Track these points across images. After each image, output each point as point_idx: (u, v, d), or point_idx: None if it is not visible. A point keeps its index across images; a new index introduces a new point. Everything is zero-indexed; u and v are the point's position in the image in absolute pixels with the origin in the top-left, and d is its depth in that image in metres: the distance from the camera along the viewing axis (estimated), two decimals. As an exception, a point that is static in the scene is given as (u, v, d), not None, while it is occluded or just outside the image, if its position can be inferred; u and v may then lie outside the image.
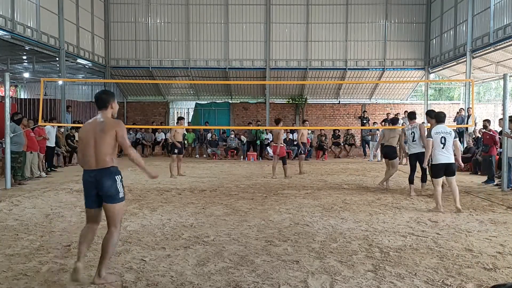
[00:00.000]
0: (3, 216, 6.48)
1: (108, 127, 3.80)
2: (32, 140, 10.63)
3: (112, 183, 3.78)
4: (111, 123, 3.85)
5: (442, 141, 6.87)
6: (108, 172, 3.78)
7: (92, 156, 3.78)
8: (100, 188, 3.77)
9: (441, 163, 6.91)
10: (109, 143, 3.78)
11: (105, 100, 3.95)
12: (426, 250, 4.77)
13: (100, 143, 3.76)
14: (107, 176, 3.76)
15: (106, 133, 3.77)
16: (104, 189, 3.76)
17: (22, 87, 23.80)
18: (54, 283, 3.76)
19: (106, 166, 3.78)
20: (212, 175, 12.00)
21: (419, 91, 23.77)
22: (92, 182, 3.79)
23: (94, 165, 3.78)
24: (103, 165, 3.77)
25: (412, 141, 8.41)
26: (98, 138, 3.77)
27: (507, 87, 9.66)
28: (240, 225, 5.93)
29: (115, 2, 20.73)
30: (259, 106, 22.17)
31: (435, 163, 6.97)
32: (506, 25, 13.90)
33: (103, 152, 3.76)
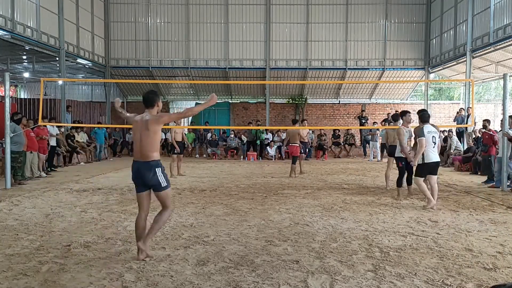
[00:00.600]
0: (3, 216, 6.48)
1: (151, 124, 4.27)
2: (32, 140, 10.63)
3: (153, 175, 4.29)
4: (153, 119, 4.30)
5: (433, 140, 7.11)
6: (148, 165, 4.28)
7: (138, 149, 4.33)
8: (144, 179, 4.31)
9: (433, 161, 7.11)
10: (152, 138, 4.27)
11: (152, 100, 4.44)
12: (426, 250, 4.77)
13: (144, 139, 4.27)
14: (148, 169, 4.27)
15: (149, 130, 4.25)
16: (147, 180, 4.31)
17: (22, 87, 23.80)
18: (54, 283, 3.76)
19: (148, 159, 4.29)
20: (212, 175, 12.00)
21: (419, 91, 23.76)
22: (137, 172, 4.35)
23: (140, 157, 4.32)
24: (146, 158, 4.29)
25: None
26: (143, 135, 4.28)
27: (507, 87, 9.67)
28: (240, 225, 5.93)
29: (115, 2, 20.73)
30: (259, 106, 22.17)
31: (428, 161, 7.07)
32: (506, 25, 13.90)
33: (147, 148, 4.27)
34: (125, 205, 7.32)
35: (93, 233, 5.43)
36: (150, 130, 4.26)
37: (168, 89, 22.77)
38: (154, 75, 21.34)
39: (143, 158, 4.30)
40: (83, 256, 4.48)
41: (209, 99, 4.63)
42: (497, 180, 9.71)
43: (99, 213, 6.65)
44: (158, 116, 4.37)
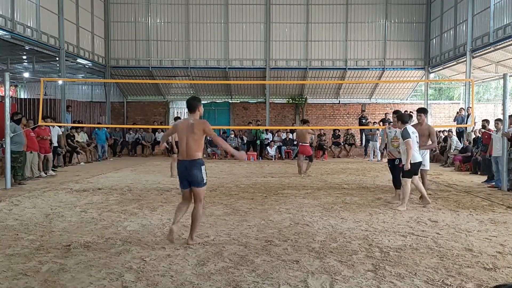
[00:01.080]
0: (3, 216, 6.48)
1: (196, 128, 4.83)
2: (32, 140, 10.63)
3: (198, 172, 4.84)
4: (198, 124, 4.87)
5: (417, 140, 7.29)
6: (195, 163, 4.83)
7: (184, 150, 4.85)
8: (189, 175, 4.85)
9: (419, 161, 7.23)
10: (196, 140, 4.83)
11: (194, 105, 4.99)
12: (426, 250, 4.77)
13: (190, 141, 4.82)
14: (194, 166, 4.82)
15: (195, 133, 4.82)
16: (192, 176, 4.84)
17: (22, 87, 23.80)
18: (54, 283, 3.76)
19: (194, 158, 4.84)
20: (212, 175, 11.99)
21: (419, 91, 23.77)
22: (184, 170, 4.85)
23: (186, 157, 4.85)
24: (192, 157, 4.83)
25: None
26: (188, 137, 4.83)
27: (507, 87, 9.68)
28: (240, 225, 5.94)
29: (115, 2, 20.73)
30: (259, 106, 22.17)
31: (415, 161, 7.13)
32: (506, 24, 13.90)
33: (192, 148, 4.82)
34: (125, 205, 7.32)
35: (93, 233, 5.43)
36: (195, 133, 4.81)
37: (168, 89, 22.77)
38: (154, 75, 21.34)
39: (190, 157, 4.84)
40: (83, 256, 4.48)
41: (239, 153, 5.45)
42: (496, 180, 9.72)
43: (99, 213, 6.65)
44: (203, 123, 4.92)
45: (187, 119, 5.01)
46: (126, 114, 22.51)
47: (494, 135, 9.93)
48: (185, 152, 4.87)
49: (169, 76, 21.60)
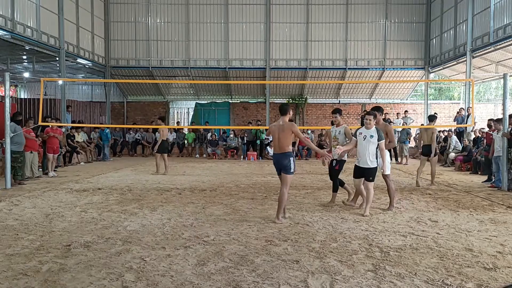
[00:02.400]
0: (3, 216, 6.48)
1: (286, 128, 6.05)
2: (31, 140, 10.63)
3: (287, 162, 6.01)
4: (287, 125, 6.06)
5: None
6: (285, 155, 6.04)
7: (277, 145, 6.13)
8: (280, 164, 6.09)
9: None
10: (286, 138, 6.03)
11: (286, 110, 6.17)
12: (426, 249, 4.77)
13: (281, 138, 6.05)
14: (284, 157, 6.02)
15: (285, 132, 6.02)
16: (282, 165, 6.06)
17: (22, 87, 23.80)
18: (54, 283, 3.76)
19: (284, 151, 6.05)
20: (212, 175, 11.99)
21: (419, 90, 23.77)
22: (276, 161, 6.15)
23: (278, 150, 6.10)
24: (282, 150, 6.06)
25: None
26: (280, 135, 6.05)
27: (507, 86, 9.68)
28: (240, 224, 5.93)
29: (115, 2, 20.73)
30: (259, 106, 22.18)
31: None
32: (506, 24, 13.90)
33: (284, 143, 6.04)
34: (125, 205, 7.32)
35: (93, 233, 5.43)
36: (285, 132, 6.01)
37: (168, 89, 22.78)
38: (154, 75, 21.34)
39: (281, 151, 6.05)
40: (83, 256, 4.48)
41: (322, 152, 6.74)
42: (496, 180, 9.72)
43: (99, 213, 6.65)
44: (291, 125, 6.10)
45: (279, 121, 6.23)
46: (126, 114, 22.52)
47: (494, 135, 9.93)
48: (277, 147, 6.13)
49: (169, 76, 21.60)
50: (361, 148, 6.68)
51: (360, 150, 6.70)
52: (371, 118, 6.63)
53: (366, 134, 6.60)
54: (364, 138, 6.62)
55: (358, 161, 6.75)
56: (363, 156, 6.64)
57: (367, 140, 6.60)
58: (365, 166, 6.65)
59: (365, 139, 6.61)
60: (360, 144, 6.67)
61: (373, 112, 6.78)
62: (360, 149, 6.69)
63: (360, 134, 6.69)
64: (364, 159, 6.64)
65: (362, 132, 6.68)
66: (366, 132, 6.62)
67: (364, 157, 6.64)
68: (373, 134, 6.56)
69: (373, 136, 6.55)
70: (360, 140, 6.66)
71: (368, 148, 6.58)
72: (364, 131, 6.64)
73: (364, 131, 6.65)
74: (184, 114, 23.20)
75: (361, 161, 6.70)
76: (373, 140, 6.55)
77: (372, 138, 6.55)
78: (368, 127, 6.62)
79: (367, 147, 6.60)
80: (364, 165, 6.66)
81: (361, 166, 6.72)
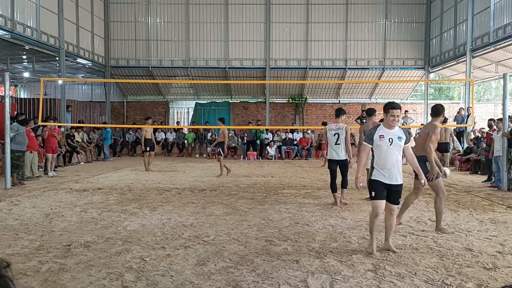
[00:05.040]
0: (3, 215, 6.48)
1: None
2: (32, 140, 10.64)
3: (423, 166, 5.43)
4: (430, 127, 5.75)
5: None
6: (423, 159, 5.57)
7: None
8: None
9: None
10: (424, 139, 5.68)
11: (439, 111, 5.80)
12: (426, 249, 4.77)
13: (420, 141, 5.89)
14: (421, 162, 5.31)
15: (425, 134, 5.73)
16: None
17: (22, 86, 23.79)
18: (54, 282, 3.76)
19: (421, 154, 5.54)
20: (212, 175, 11.99)
21: (419, 90, 23.76)
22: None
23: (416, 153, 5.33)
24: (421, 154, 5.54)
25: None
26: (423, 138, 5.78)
27: (507, 86, 9.68)
28: (240, 224, 5.93)
29: (115, 2, 20.72)
30: (259, 106, 22.17)
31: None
32: (506, 24, 13.90)
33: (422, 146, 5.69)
34: (125, 205, 7.32)
35: (93, 233, 5.42)
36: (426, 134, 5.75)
37: (168, 89, 22.77)
38: (154, 75, 21.34)
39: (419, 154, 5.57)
40: (83, 256, 4.48)
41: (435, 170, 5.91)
42: (496, 180, 9.73)
43: (99, 213, 6.65)
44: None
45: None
46: (126, 114, 22.51)
47: (494, 135, 9.93)
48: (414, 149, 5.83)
49: (169, 76, 21.60)
50: (388, 157, 4.66)
51: (386, 160, 4.67)
52: (398, 114, 4.72)
53: (392, 136, 4.67)
54: (391, 142, 4.66)
55: (385, 176, 4.68)
56: (393, 168, 4.67)
57: (396, 145, 4.66)
58: (397, 182, 4.68)
59: (392, 143, 4.66)
60: (386, 152, 4.67)
61: (399, 105, 4.85)
62: (386, 158, 4.67)
63: (382, 138, 4.68)
64: (395, 172, 4.67)
65: (385, 135, 4.68)
66: (391, 133, 4.70)
67: (394, 170, 4.66)
68: (401, 135, 4.71)
69: (401, 138, 4.69)
70: (384, 146, 4.67)
71: (397, 156, 4.68)
72: (387, 133, 4.71)
73: (386, 133, 4.71)
74: (184, 114, 23.20)
75: (390, 175, 4.67)
76: (402, 144, 4.70)
77: (401, 141, 4.69)
78: (393, 126, 4.71)
79: (397, 154, 4.67)
80: (395, 181, 4.67)
81: (391, 183, 4.67)
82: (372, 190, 4.73)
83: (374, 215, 4.71)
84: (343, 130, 7.52)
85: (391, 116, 4.66)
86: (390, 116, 4.67)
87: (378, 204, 4.68)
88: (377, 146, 4.70)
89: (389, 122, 4.67)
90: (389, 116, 4.67)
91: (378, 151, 4.71)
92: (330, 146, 7.66)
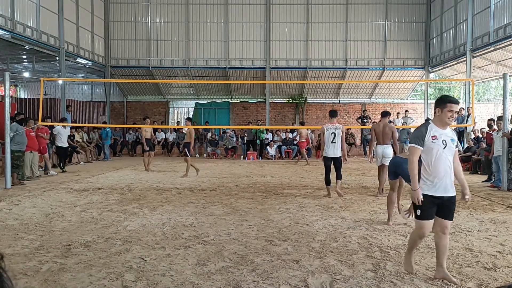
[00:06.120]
0: (3, 215, 6.48)
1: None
2: (32, 140, 10.64)
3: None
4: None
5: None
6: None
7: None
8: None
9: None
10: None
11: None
12: (426, 249, 4.77)
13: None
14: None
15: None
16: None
17: (22, 86, 23.80)
18: (54, 282, 3.76)
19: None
20: (212, 175, 11.99)
21: (419, 90, 23.76)
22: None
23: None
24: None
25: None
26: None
27: (507, 86, 9.68)
28: (240, 224, 5.93)
29: (115, 2, 20.72)
30: (259, 106, 22.17)
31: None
32: (506, 24, 13.89)
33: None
34: (125, 205, 7.32)
35: (93, 233, 5.43)
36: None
37: (168, 89, 22.77)
38: (154, 75, 21.34)
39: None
40: (83, 256, 4.48)
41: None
42: (496, 179, 9.73)
43: (99, 213, 6.65)
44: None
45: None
46: (126, 114, 22.51)
47: (494, 135, 9.93)
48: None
49: (169, 76, 21.60)
50: (440, 163, 3.73)
51: (438, 166, 3.73)
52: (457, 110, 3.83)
53: (446, 138, 3.76)
54: (444, 144, 3.74)
55: (436, 187, 3.73)
56: (446, 177, 3.74)
57: (449, 148, 3.77)
58: (450, 194, 3.76)
59: (446, 146, 3.74)
60: (439, 157, 3.73)
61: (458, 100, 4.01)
62: (437, 165, 3.73)
63: (435, 140, 3.73)
64: (447, 182, 3.75)
65: (437, 136, 3.74)
66: (445, 134, 3.78)
67: (447, 179, 3.75)
68: (454, 137, 3.87)
69: (454, 141, 3.84)
70: (437, 149, 3.73)
71: (450, 162, 3.77)
72: (440, 133, 3.76)
73: (439, 133, 3.76)
74: (184, 114, 23.20)
75: (442, 186, 3.73)
76: (454, 147, 3.84)
77: (454, 144, 3.82)
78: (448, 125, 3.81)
79: (450, 160, 3.77)
80: (448, 192, 3.75)
81: (444, 196, 3.74)
82: (418, 208, 3.74)
83: (418, 236, 3.86)
84: (340, 130, 8.19)
85: (449, 112, 3.72)
86: (448, 111, 3.72)
87: (426, 225, 3.76)
88: (428, 149, 3.74)
89: (445, 119, 3.73)
90: (447, 112, 3.72)
91: (428, 155, 3.74)
92: (326, 144, 8.24)
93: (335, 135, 8.13)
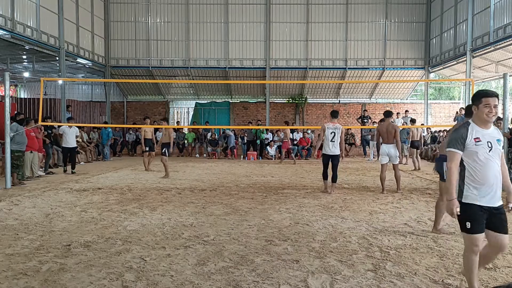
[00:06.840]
0: (3, 215, 6.48)
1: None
2: (32, 140, 10.64)
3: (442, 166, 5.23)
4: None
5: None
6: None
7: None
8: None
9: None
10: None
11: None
12: (426, 249, 4.77)
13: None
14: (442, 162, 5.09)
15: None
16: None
17: (22, 86, 23.80)
18: (54, 282, 3.76)
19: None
20: (212, 175, 12.00)
21: (419, 90, 23.77)
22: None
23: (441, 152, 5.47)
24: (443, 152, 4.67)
25: None
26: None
27: (507, 86, 9.68)
28: (240, 224, 5.93)
29: (115, 2, 20.72)
30: (259, 106, 22.17)
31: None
32: (506, 24, 13.90)
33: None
34: (125, 205, 7.32)
35: (93, 233, 5.43)
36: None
37: (168, 89, 22.78)
38: (154, 75, 21.34)
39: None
40: (83, 256, 4.48)
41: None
42: None
43: (99, 213, 6.65)
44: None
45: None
46: (126, 113, 22.52)
47: None
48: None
49: (169, 76, 21.60)
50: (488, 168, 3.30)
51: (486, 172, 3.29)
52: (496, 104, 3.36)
53: (491, 139, 3.33)
54: (490, 147, 3.31)
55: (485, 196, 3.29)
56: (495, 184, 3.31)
57: (496, 151, 3.34)
58: (500, 203, 3.34)
59: (491, 148, 3.31)
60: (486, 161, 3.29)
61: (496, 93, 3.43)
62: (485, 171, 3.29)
63: (478, 142, 3.29)
64: (496, 189, 3.31)
65: (480, 137, 3.31)
66: (488, 135, 3.34)
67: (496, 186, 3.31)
68: (499, 137, 3.41)
69: (500, 141, 3.38)
70: (482, 152, 3.29)
71: (499, 167, 3.34)
72: (483, 134, 3.33)
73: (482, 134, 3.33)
74: (184, 114, 23.20)
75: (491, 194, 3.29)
76: (501, 149, 3.40)
77: (500, 145, 3.37)
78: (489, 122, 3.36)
79: (498, 164, 3.35)
80: (497, 201, 3.32)
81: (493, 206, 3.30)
82: (467, 220, 3.26)
83: (471, 252, 3.33)
84: (339, 130, 8.70)
85: (486, 108, 3.28)
86: (484, 107, 3.29)
87: (477, 239, 3.27)
88: (471, 153, 3.28)
89: (482, 116, 3.29)
90: (483, 108, 3.29)
91: (473, 160, 3.29)
92: (325, 142, 8.75)
93: (335, 135, 8.63)
